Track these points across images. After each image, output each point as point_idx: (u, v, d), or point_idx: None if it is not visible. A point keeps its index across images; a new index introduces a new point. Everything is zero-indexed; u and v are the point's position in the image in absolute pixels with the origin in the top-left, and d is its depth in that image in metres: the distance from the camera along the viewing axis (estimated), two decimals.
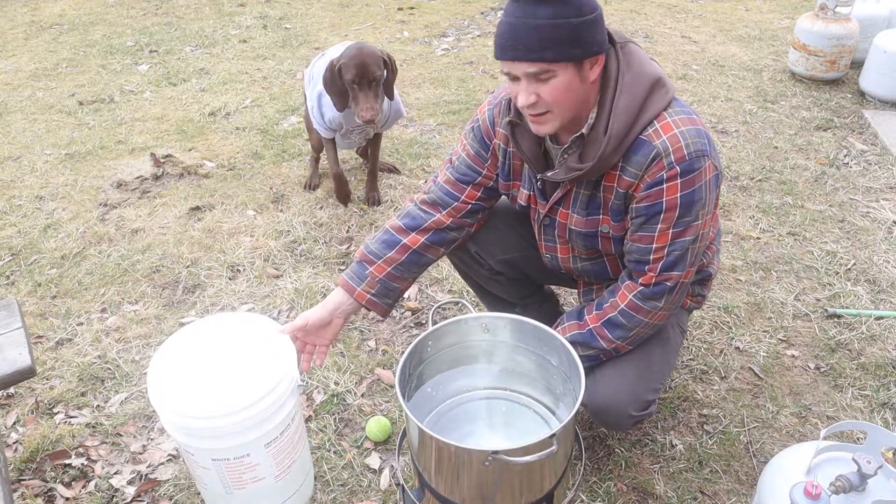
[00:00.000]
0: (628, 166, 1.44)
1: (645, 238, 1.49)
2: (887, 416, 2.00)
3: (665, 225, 1.45)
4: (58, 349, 2.32)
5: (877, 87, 3.80)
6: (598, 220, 1.57)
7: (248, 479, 1.57)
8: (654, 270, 1.50)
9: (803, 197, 3.04)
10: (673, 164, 1.39)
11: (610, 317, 1.57)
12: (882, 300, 2.45)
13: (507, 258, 1.88)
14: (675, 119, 1.42)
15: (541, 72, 1.34)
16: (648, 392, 1.63)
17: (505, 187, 1.72)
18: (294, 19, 5.46)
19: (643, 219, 1.47)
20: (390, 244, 1.71)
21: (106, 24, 5.45)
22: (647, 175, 1.42)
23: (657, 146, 1.40)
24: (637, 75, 1.42)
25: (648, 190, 1.43)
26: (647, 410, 1.64)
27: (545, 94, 1.37)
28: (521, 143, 1.56)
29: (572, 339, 1.58)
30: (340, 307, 1.69)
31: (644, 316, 1.54)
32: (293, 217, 2.97)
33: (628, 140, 1.41)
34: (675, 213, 1.44)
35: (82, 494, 1.84)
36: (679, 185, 1.41)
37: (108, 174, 3.35)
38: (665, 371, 1.69)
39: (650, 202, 1.44)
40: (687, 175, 1.40)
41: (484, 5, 5.70)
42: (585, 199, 1.55)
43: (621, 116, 1.40)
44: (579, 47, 1.33)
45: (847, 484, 1.25)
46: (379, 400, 2.10)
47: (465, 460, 1.34)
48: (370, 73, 2.53)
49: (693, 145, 1.40)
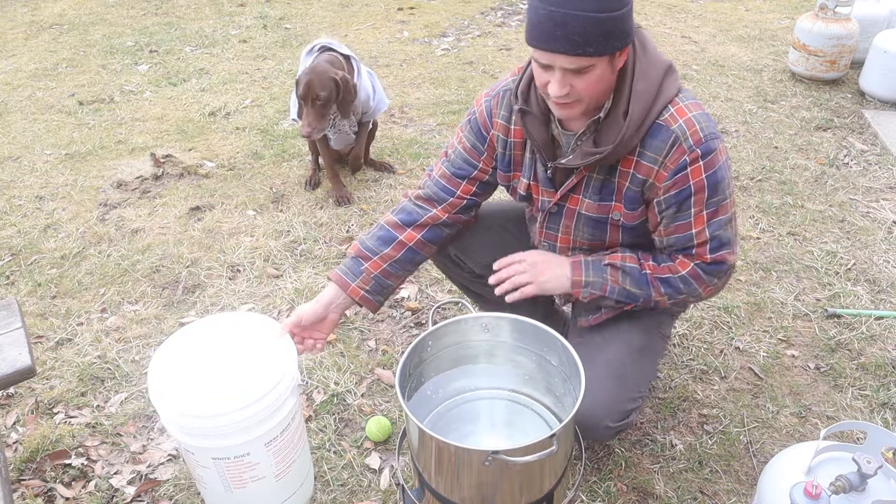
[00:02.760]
0: (647, 151, 1.45)
1: (682, 227, 1.49)
2: (887, 416, 2.00)
3: (698, 208, 1.46)
4: (58, 349, 2.32)
5: (877, 87, 3.80)
6: (609, 207, 1.55)
7: (248, 478, 1.57)
8: (704, 253, 1.51)
9: (803, 197, 3.04)
10: (693, 147, 1.41)
11: (667, 277, 1.55)
12: (882, 300, 2.45)
13: (489, 262, 1.87)
14: (686, 104, 1.44)
15: (581, 67, 1.32)
16: (625, 402, 1.59)
17: (505, 178, 1.70)
18: (294, 19, 5.46)
19: (675, 208, 1.47)
20: (386, 240, 1.70)
21: (106, 24, 5.45)
22: (668, 161, 1.43)
23: (675, 130, 1.41)
24: (652, 61, 1.43)
25: (674, 177, 1.44)
26: (625, 420, 1.60)
27: (580, 86, 1.35)
28: (532, 131, 1.54)
29: (627, 268, 1.56)
30: (335, 302, 1.69)
31: (699, 286, 1.55)
32: (293, 217, 2.97)
33: (646, 124, 1.42)
34: (704, 195, 1.45)
35: (82, 494, 1.84)
36: (702, 167, 1.43)
37: (108, 174, 3.35)
38: (642, 380, 1.67)
39: (678, 189, 1.45)
40: (707, 157, 1.42)
41: (484, 5, 5.70)
42: (598, 185, 1.54)
43: (641, 100, 1.40)
44: (619, 40, 1.32)
45: (847, 484, 1.25)
46: (379, 400, 2.10)
47: (465, 460, 1.34)
48: (314, 92, 2.71)
49: (707, 128, 1.43)
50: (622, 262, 1.57)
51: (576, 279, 1.59)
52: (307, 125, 2.76)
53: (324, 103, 2.73)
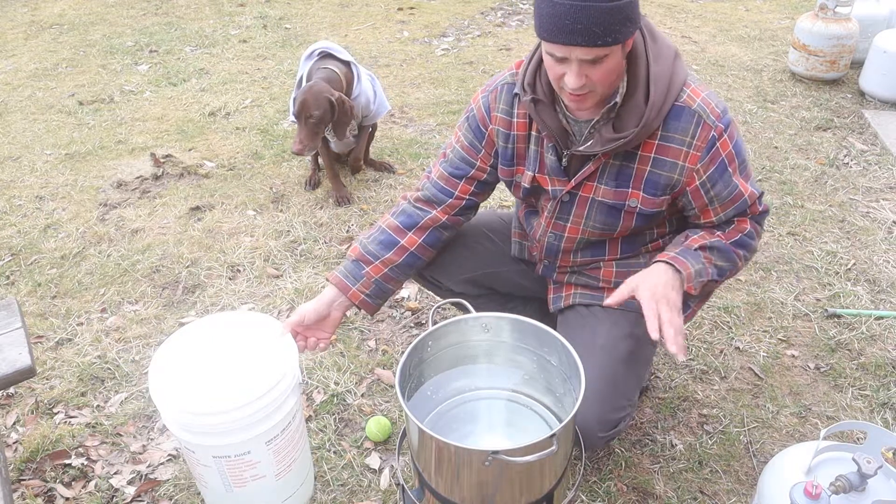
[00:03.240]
0: (671, 133, 1.47)
1: (736, 196, 1.54)
2: (887, 416, 2.00)
3: (738, 175, 1.53)
4: (58, 349, 2.32)
5: (877, 87, 3.80)
6: (626, 194, 1.55)
7: (248, 476, 1.57)
8: (756, 209, 1.59)
9: (803, 197, 3.04)
10: (715, 122, 1.47)
11: (739, 239, 1.59)
12: (882, 300, 2.45)
13: (468, 277, 1.87)
14: (698, 85, 1.50)
15: (598, 57, 1.33)
16: (615, 411, 1.59)
17: (507, 174, 1.69)
18: (294, 19, 5.46)
19: (721, 184, 1.52)
20: (388, 245, 1.70)
21: (106, 24, 5.45)
22: (698, 141, 1.47)
23: (696, 110, 1.46)
24: (662, 46, 1.47)
25: (709, 153, 1.48)
26: (616, 429, 1.61)
27: (596, 76, 1.36)
28: (545, 120, 1.54)
29: (712, 245, 1.55)
30: (336, 301, 1.69)
31: (758, 238, 1.63)
32: (293, 217, 2.97)
33: (667, 106, 1.45)
34: (736, 162, 1.53)
35: (82, 494, 1.84)
36: (727, 139, 1.50)
37: (108, 174, 3.35)
38: (632, 387, 1.66)
39: (715, 164, 1.49)
40: (728, 129, 1.49)
41: (484, 5, 5.70)
42: (615, 171, 1.54)
43: (660, 82, 1.43)
44: (631, 26, 1.33)
45: (847, 484, 1.25)
46: (379, 400, 2.10)
47: (465, 460, 1.34)
48: (307, 111, 2.74)
49: (719, 104, 1.50)
50: (707, 241, 1.56)
51: (687, 274, 1.49)
52: (298, 142, 2.79)
53: (317, 122, 2.75)
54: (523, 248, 1.86)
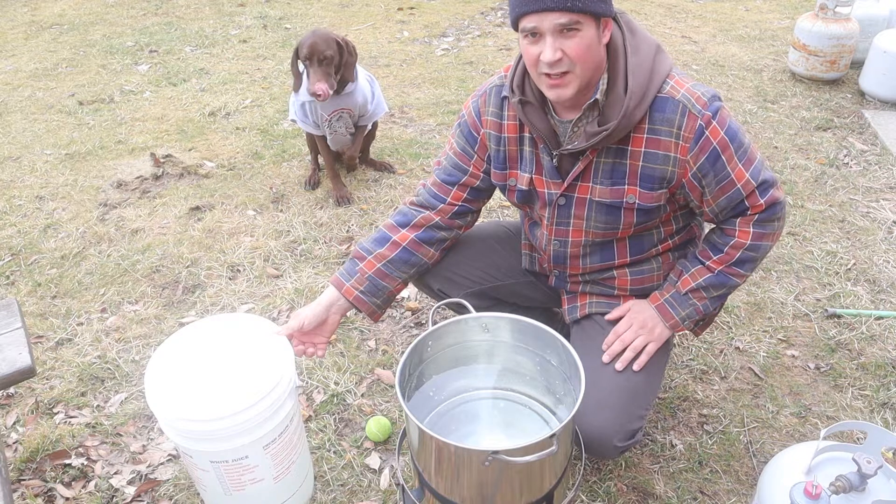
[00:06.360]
0: (658, 125, 1.47)
1: (727, 185, 1.51)
2: (887, 416, 2.00)
3: (732, 163, 1.49)
4: (58, 349, 2.32)
5: (877, 87, 3.80)
6: (623, 191, 1.55)
7: (246, 480, 1.57)
8: (757, 201, 1.53)
9: (803, 197, 3.04)
10: (702, 111, 1.45)
11: (738, 256, 1.59)
12: (882, 300, 2.45)
13: (475, 290, 1.87)
14: (682, 77, 1.49)
15: (571, 22, 1.34)
16: (633, 421, 1.59)
17: (500, 178, 1.69)
18: (294, 19, 5.46)
19: (712, 173, 1.50)
20: (381, 241, 1.72)
21: (106, 24, 5.45)
22: (685, 131, 1.46)
23: (680, 100, 1.45)
24: (642, 39, 1.48)
25: (698, 143, 1.46)
26: (632, 439, 1.60)
27: (570, 49, 1.37)
28: (533, 120, 1.55)
29: (704, 284, 1.62)
30: (334, 304, 1.69)
31: (769, 240, 1.59)
32: (293, 217, 2.97)
33: (648, 97, 1.45)
34: (731, 149, 1.48)
35: (82, 494, 1.84)
36: (717, 126, 1.47)
37: (108, 174, 3.35)
38: (651, 397, 1.67)
39: (706, 153, 1.48)
40: (716, 115, 1.47)
41: (484, 5, 5.70)
42: (608, 169, 1.54)
43: (637, 73, 1.44)
44: (603, 2, 1.36)
45: (847, 484, 1.25)
46: (379, 400, 2.10)
47: (465, 460, 1.34)
48: (320, 51, 2.73)
49: (706, 93, 1.48)
50: (697, 282, 1.62)
51: (672, 323, 1.67)
52: (317, 82, 2.73)
53: (328, 62, 2.76)
54: (534, 259, 1.86)
